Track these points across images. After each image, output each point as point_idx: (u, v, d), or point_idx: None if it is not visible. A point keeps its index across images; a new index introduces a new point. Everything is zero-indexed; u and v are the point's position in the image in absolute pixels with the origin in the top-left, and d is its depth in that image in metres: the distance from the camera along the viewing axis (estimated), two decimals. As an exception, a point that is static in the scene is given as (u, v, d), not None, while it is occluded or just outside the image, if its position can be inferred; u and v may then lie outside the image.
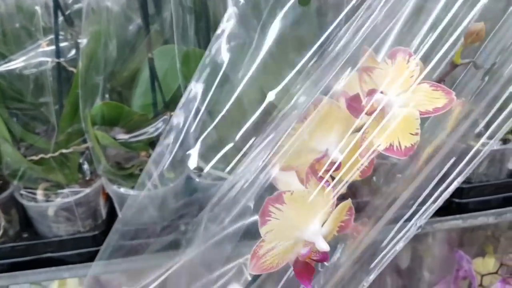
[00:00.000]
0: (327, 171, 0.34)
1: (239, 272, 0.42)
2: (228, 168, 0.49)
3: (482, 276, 0.91)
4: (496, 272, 0.91)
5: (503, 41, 0.39)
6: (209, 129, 0.60)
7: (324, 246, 0.33)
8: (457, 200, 0.72)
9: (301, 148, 0.36)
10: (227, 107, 0.53)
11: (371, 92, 0.33)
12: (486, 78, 0.40)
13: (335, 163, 0.34)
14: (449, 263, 0.95)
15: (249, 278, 0.42)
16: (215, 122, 0.58)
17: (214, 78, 0.52)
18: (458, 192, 0.72)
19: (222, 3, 0.59)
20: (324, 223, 0.35)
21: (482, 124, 0.39)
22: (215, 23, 0.63)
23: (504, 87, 0.38)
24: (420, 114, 0.30)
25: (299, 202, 0.34)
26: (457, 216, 0.72)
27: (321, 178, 0.34)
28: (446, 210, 0.73)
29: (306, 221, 0.34)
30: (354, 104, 0.33)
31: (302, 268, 0.35)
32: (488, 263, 0.93)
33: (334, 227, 0.36)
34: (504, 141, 0.70)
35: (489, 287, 0.90)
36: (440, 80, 0.33)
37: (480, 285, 0.91)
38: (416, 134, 0.30)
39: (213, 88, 0.53)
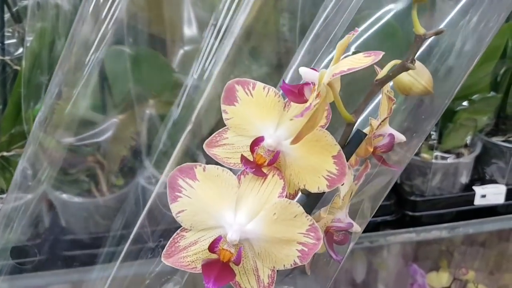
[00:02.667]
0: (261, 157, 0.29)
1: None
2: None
3: (436, 290, 0.92)
4: (449, 287, 0.92)
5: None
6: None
7: (233, 237, 0.27)
8: (410, 213, 0.72)
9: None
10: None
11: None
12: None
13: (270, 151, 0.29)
14: (404, 276, 0.95)
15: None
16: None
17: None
18: (411, 205, 0.72)
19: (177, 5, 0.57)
20: (252, 214, 0.29)
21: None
22: (171, 25, 0.61)
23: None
24: (333, 76, 0.26)
25: (214, 182, 0.29)
26: (411, 229, 0.72)
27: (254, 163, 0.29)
28: (399, 223, 0.72)
29: (220, 207, 0.29)
30: (294, 89, 0.28)
31: (214, 269, 0.28)
32: (441, 277, 0.94)
33: (276, 233, 0.29)
34: (457, 155, 0.70)
35: (442, 301, 0.91)
36: (408, 58, 0.27)
37: (434, 299, 0.91)
38: (318, 96, 0.26)
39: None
